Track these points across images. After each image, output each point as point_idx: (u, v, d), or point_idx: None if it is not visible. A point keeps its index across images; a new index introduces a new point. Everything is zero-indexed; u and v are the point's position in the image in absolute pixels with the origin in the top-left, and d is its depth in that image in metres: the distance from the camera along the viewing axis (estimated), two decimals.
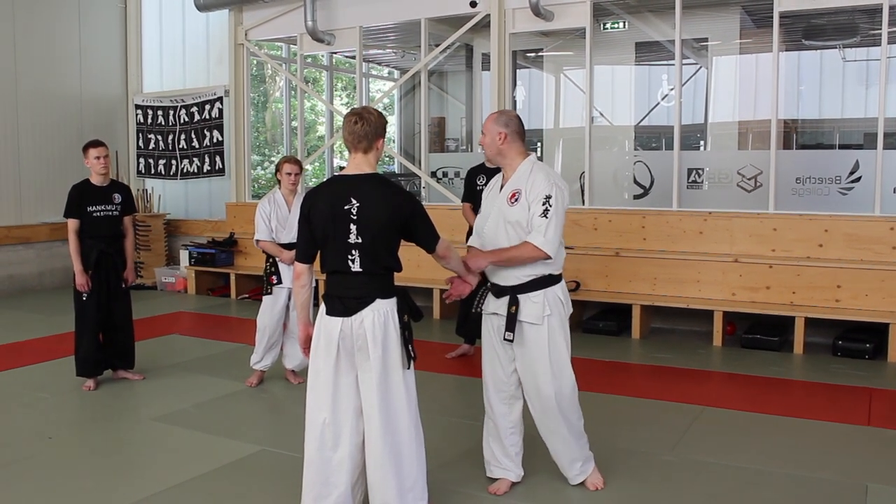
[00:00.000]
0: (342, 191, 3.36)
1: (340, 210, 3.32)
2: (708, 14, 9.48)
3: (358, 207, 3.30)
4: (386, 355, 3.36)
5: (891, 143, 8.14)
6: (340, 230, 3.33)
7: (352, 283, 3.37)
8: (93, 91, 11.56)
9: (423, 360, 6.75)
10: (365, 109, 3.44)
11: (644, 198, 8.54)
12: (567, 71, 11.57)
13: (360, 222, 3.30)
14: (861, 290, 7.05)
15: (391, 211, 3.32)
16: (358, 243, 3.32)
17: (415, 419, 3.48)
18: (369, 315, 3.33)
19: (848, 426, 5.04)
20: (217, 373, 6.43)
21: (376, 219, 3.30)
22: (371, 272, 3.35)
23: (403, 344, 3.40)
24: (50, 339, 7.60)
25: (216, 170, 11.23)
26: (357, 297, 3.35)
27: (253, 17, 10.73)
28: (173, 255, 11.49)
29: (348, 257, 3.34)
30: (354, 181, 3.38)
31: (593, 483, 4.05)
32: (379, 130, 3.41)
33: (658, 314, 8.03)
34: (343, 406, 3.40)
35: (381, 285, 3.38)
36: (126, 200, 6.09)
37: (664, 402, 5.56)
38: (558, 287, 3.86)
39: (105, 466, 4.50)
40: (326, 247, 3.40)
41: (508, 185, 3.86)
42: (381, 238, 3.33)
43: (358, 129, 3.37)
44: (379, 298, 3.35)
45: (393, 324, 3.37)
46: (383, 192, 3.35)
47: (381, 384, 3.36)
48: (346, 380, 3.40)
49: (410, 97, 13.63)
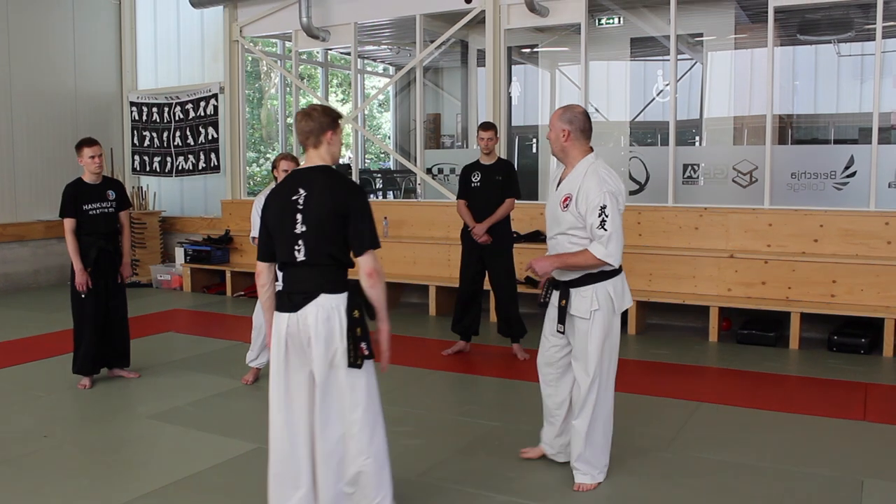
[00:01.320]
0: (293, 183, 3.38)
1: (289, 201, 3.34)
2: (703, 9, 9.48)
3: (305, 197, 3.31)
4: (328, 353, 3.27)
5: (886, 138, 8.14)
6: (288, 221, 3.33)
7: (298, 276, 3.34)
8: (87, 88, 11.53)
9: (420, 356, 6.80)
10: (311, 107, 3.46)
11: (639, 193, 8.54)
12: (562, 67, 11.56)
13: (305, 211, 3.30)
14: (856, 284, 7.06)
15: (334, 200, 3.29)
16: (303, 232, 3.30)
17: (368, 422, 3.34)
18: (312, 311, 3.27)
19: (843, 421, 5.05)
20: (213, 370, 6.43)
21: (320, 207, 3.29)
22: (314, 262, 3.30)
23: (352, 341, 3.27)
24: (45, 338, 7.58)
25: (211, 167, 11.22)
26: (303, 293, 3.30)
27: (248, 13, 10.72)
28: (169, 252, 11.48)
29: (294, 247, 3.32)
30: (305, 173, 3.41)
31: (580, 485, 4.04)
32: (325, 124, 3.39)
33: (654, 310, 8.03)
34: (297, 405, 3.34)
35: (328, 279, 3.32)
36: (120, 196, 6.09)
37: (660, 398, 5.57)
38: (610, 283, 3.92)
39: (101, 464, 4.50)
40: (276, 239, 3.39)
41: (564, 186, 3.95)
42: (325, 227, 3.29)
43: (304, 126, 3.39)
44: (324, 293, 3.28)
45: (339, 320, 3.27)
46: (330, 183, 3.35)
47: (323, 383, 3.29)
48: (297, 377, 3.34)
49: (406, 93, 13.62)
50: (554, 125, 3.95)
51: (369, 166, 15.85)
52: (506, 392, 5.91)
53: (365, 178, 12.35)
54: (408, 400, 5.65)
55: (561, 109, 3.99)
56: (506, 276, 6.71)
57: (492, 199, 6.57)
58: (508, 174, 6.66)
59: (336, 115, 3.47)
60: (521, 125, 12.20)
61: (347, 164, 11.36)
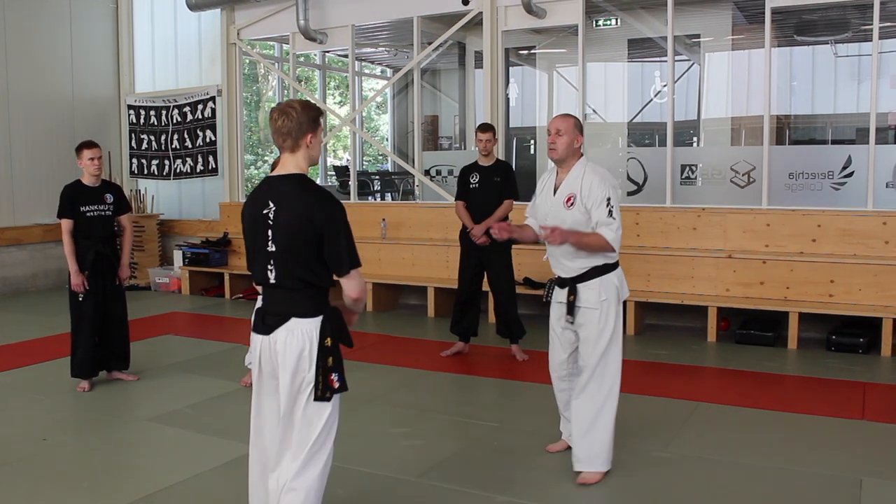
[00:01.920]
0: (264, 193, 3.05)
1: (260, 214, 3.01)
2: (700, 10, 9.51)
3: (274, 212, 2.97)
4: (294, 382, 2.97)
5: (883, 138, 8.17)
6: (260, 237, 3.01)
7: (272, 296, 3.06)
8: (85, 91, 11.53)
9: (418, 357, 6.80)
10: (288, 103, 3.03)
11: (638, 194, 8.55)
12: (560, 68, 11.58)
13: (275, 228, 2.97)
14: (854, 284, 7.07)
15: (304, 218, 2.91)
16: (273, 252, 2.98)
17: (317, 464, 3.02)
18: (283, 336, 2.98)
19: (842, 420, 5.06)
20: (211, 373, 6.42)
21: (288, 225, 2.94)
22: (285, 286, 2.99)
23: (322, 372, 2.96)
24: (44, 341, 7.58)
25: (209, 170, 11.21)
26: (275, 314, 3.01)
27: (245, 16, 10.72)
28: (167, 255, 11.47)
29: (267, 267, 3.02)
30: (277, 182, 3.04)
31: (585, 478, 4.09)
32: (305, 126, 2.99)
33: (652, 310, 8.04)
34: (268, 429, 3.12)
35: (302, 302, 2.99)
36: (118, 200, 6.08)
37: (659, 398, 5.57)
38: (614, 274, 4.17)
39: (100, 467, 4.50)
40: (250, 255, 3.11)
41: (564, 188, 4.14)
42: (294, 247, 2.94)
43: (280, 126, 2.99)
44: (295, 317, 2.98)
45: (309, 347, 2.96)
46: (300, 197, 2.96)
47: (287, 414, 3.00)
48: (269, 401, 3.10)
49: (403, 95, 13.64)
50: (569, 131, 4.12)
51: (367, 168, 15.85)
52: (505, 393, 5.92)
53: (363, 180, 12.35)
54: (407, 401, 5.65)
55: (573, 118, 4.20)
56: (504, 277, 6.72)
57: (490, 201, 6.57)
58: (507, 175, 6.67)
59: (317, 112, 3.06)
60: (518, 126, 12.21)
61: (345, 167, 11.37)
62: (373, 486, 4.12)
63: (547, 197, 4.24)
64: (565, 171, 4.17)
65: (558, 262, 4.19)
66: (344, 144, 19.04)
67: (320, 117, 3.08)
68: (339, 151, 19.89)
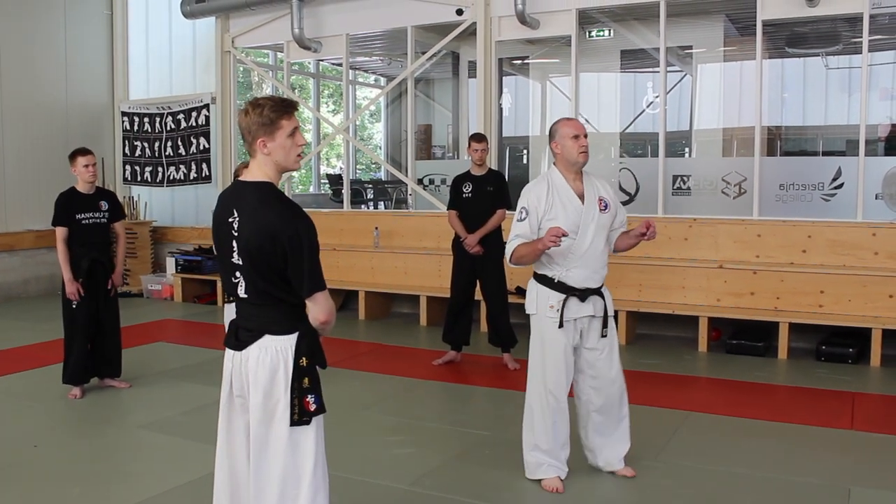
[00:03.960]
0: (229, 199, 2.84)
1: (225, 222, 2.79)
2: (692, 22, 9.56)
3: (238, 222, 2.75)
4: (267, 404, 2.76)
5: (872, 150, 8.22)
6: (225, 247, 2.81)
7: (243, 310, 2.86)
8: (79, 98, 11.52)
9: (410, 366, 6.82)
10: (250, 101, 2.77)
11: (629, 204, 8.58)
12: (553, 78, 11.63)
13: (239, 240, 2.75)
14: (844, 295, 7.11)
15: (266, 233, 2.68)
16: (239, 265, 2.77)
17: (312, 487, 2.78)
18: (255, 353, 2.77)
19: (831, 430, 5.09)
20: (203, 380, 6.41)
21: (250, 239, 2.71)
22: (255, 301, 2.79)
23: (297, 394, 2.75)
24: (35, 347, 7.56)
25: (203, 177, 11.21)
26: (248, 329, 2.81)
27: (239, 24, 10.74)
28: (159, 262, 11.45)
29: (233, 279, 2.82)
30: (242, 188, 2.82)
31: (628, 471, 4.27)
32: (255, 129, 2.72)
33: (644, 320, 8.07)
34: (237, 448, 2.90)
35: (275, 318, 2.78)
36: (113, 207, 6.09)
37: (650, 407, 5.58)
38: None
39: (91, 474, 4.49)
40: (219, 263, 2.91)
41: (590, 193, 4.10)
42: (258, 264, 2.72)
43: (241, 124, 2.76)
44: (269, 334, 2.77)
45: (284, 367, 2.75)
46: (262, 210, 2.72)
47: (259, 438, 2.77)
48: (238, 423, 2.89)
49: (397, 104, 13.67)
50: (585, 136, 4.11)
51: (360, 177, 15.87)
52: (497, 401, 5.92)
53: (356, 189, 12.37)
54: (399, 409, 5.66)
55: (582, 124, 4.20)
56: (497, 286, 6.74)
57: (483, 210, 6.60)
58: (499, 185, 6.69)
59: (277, 112, 2.74)
60: (511, 136, 12.26)
61: (339, 175, 11.38)
62: (365, 494, 4.12)
63: (574, 208, 4.04)
64: (580, 177, 4.12)
65: (592, 272, 4.08)
66: (337, 153, 19.05)
67: (280, 119, 2.73)
68: (332, 160, 19.92)
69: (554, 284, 4.06)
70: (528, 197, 4.11)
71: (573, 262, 4.04)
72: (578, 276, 4.04)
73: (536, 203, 4.07)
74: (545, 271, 4.11)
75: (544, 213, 4.05)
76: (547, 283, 4.09)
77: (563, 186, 4.08)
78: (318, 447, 2.81)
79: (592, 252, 4.07)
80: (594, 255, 4.07)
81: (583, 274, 4.05)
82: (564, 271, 4.05)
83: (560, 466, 4.16)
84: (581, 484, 4.19)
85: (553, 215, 4.03)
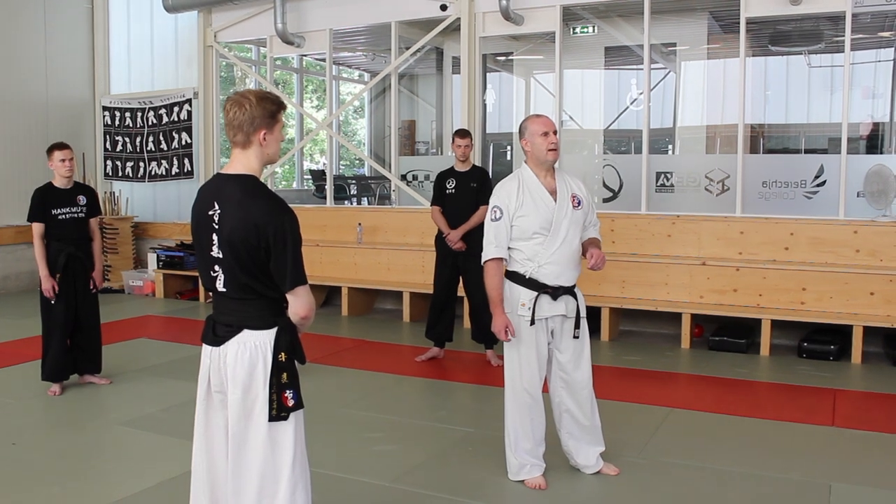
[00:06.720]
0: (210, 192, 2.83)
1: (205, 215, 2.78)
2: (676, 19, 9.58)
3: (219, 215, 2.74)
4: (246, 400, 2.75)
5: (854, 148, 8.28)
6: (205, 240, 2.80)
7: (221, 305, 2.84)
8: (59, 92, 11.41)
9: (393, 362, 6.80)
10: (244, 93, 2.78)
11: (613, 201, 8.60)
12: (537, 74, 11.64)
13: (220, 234, 2.74)
14: (825, 292, 7.15)
15: (249, 227, 2.68)
16: (219, 258, 2.76)
17: (292, 482, 2.78)
18: (233, 349, 2.76)
19: (812, 426, 5.11)
20: (185, 377, 6.36)
21: (231, 231, 2.71)
22: (234, 295, 2.78)
23: (276, 389, 2.74)
24: (14, 343, 7.48)
25: (184, 172, 11.14)
26: (227, 325, 2.80)
27: (222, 18, 10.67)
28: (141, 258, 11.38)
29: (212, 273, 2.80)
30: (223, 182, 2.81)
31: (611, 469, 4.27)
32: (258, 121, 2.74)
33: (627, 316, 8.09)
34: (215, 445, 2.88)
35: (254, 313, 2.78)
36: (91, 202, 6.02)
37: (632, 403, 5.60)
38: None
39: (71, 471, 4.44)
40: (197, 256, 2.91)
41: (562, 189, 4.08)
42: (240, 258, 2.71)
43: (232, 119, 2.75)
44: (248, 329, 2.76)
45: (262, 362, 2.74)
46: (245, 203, 2.71)
47: (238, 434, 2.76)
48: (217, 419, 2.87)
49: (381, 100, 13.64)
50: (555, 133, 4.10)
51: (344, 173, 15.83)
52: (479, 398, 5.91)
53: (339, 185, 12.34)
54: (381, 406, 5.64)
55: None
56: (480, 282, 6.70)
57: (466, 206, 6.59)
58: (483, 181, 6.68)
59: (275, 106, 2.79)
60: (495, 132, 12.25)
61: (322, 171, 11.34)
62: (346, 491, 4.10)
63: (546, 205, 4.01)
64: (551, 173, 4.10)
65: (564, 268, 4.04)
66: (321, 148, 19.00)
67: (279, 112, 2.80)
68: (315, 155, 19.85)
69: (525, 281, 4.02)
70: (499, 194, 4.09)
71: (545, 259, 4.01)
72: (551, 273, 4.00)
73: (507, 200, 4.04)
74: (517, 268, 4.06)
75: (515, 210, 4.02)
76: (518, 280, 4.05)
77: (535, 184, 4.05)
78: (297, 443, 2.80)
79: (566, 248, 4.03)
80: (567, 252, 4.04)
81: (555, 270, 4.00)
82: (537, 267, 4.01)
83: (540, 464, 4.17)
84: (564, 481, 4.19)
85: (524, 212, 4.00)
